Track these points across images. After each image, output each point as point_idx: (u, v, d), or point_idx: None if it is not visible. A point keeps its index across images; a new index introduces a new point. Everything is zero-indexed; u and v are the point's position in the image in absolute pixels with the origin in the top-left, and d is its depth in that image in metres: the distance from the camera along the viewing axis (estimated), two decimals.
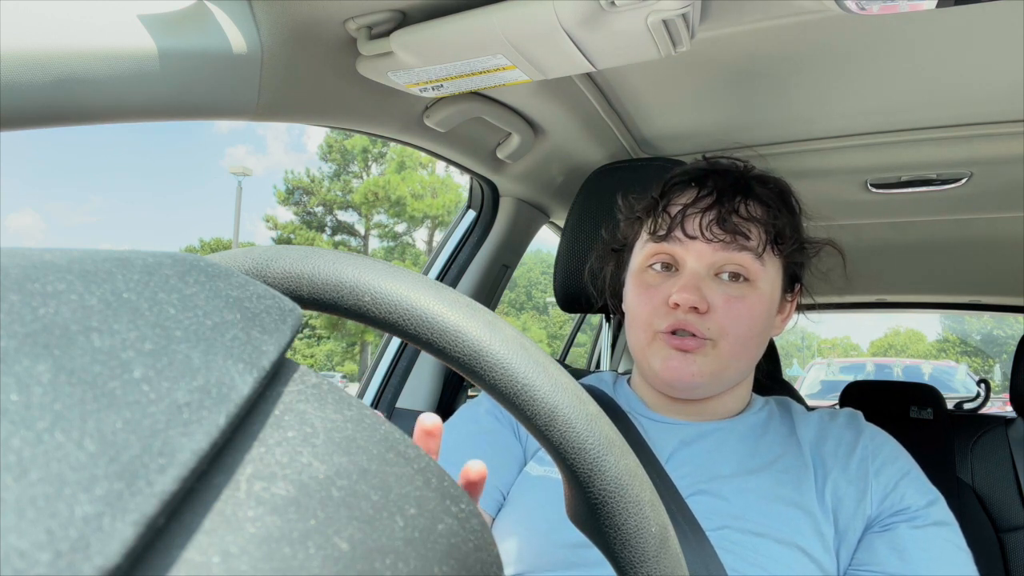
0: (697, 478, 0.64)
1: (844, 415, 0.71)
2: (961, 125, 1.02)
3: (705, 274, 0.66)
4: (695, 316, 0.64)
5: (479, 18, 0.64)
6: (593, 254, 0.89)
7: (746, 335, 0.66)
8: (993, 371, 19.70)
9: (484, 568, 0.19)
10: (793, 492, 0.62)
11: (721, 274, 0.67)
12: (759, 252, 0.67)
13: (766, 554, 0.58)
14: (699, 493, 0.63)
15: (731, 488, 0.63)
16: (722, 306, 0.65)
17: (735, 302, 0.65)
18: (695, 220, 0.67)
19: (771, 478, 0.63)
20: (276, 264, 0.24)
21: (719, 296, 0.65)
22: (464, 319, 0.23)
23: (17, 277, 0.14)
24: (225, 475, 0.15)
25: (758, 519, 0.60)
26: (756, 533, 0.59)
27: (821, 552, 0.59)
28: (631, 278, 0.73)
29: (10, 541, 0.11)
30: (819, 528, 0.60)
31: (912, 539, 0.59)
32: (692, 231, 0.67)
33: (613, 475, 0.23)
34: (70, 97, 0.53)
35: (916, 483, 0.63)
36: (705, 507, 0.61)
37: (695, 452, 0.67)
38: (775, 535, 0.59)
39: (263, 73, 0.67)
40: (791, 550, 0.58)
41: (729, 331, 0.65)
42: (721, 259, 0.66)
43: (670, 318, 0.65)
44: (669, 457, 0.67)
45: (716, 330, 0.65)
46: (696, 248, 0.67)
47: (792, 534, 0.59)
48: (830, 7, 0.61)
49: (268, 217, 21.24)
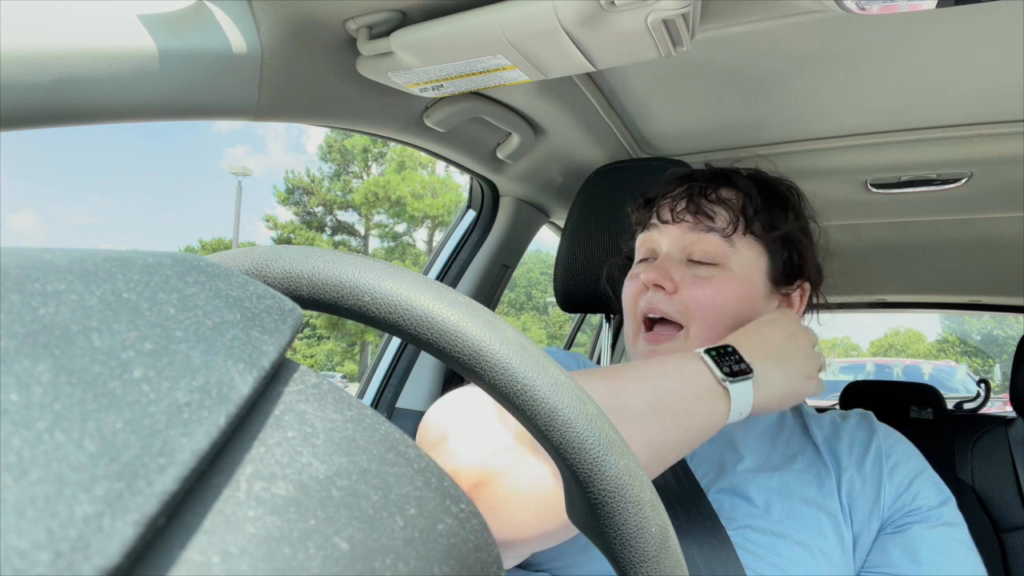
0: (719, 476, 0.64)
1: (855, 415, 0.71)
2: (961, 125, 1.02)
3: (678, 258, 0.69)
4: (662, 296, 0.67)
5: (479, 18, 0.64)
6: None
7: (716, 317, 0.66)
8: (993, 371, 19.71)
9: (484, 568, 0.19)
10: (816, 492, 0.62)
11: (692, 258, 0.69)
12: (727, 233, 0.68)
13: (786, 555, 0.57)
14: (721, 491, 0.63)
15: (754, 487, 0.62)
16: (688, 286, 0.66)
17: (701, 283, 0.67)
18: (668, 207, 0.72)
19: (793, 477, 0.63)
20: (276, 264, 0.24)
21: (687, 277, 0.67)
22: (464, 319, 0.23)
23: (17, 277, 0.14)
24: (225, 475, 0.15)
25: (780, 519, 0.60)
26: (777, 534, 0.59)
27: (840, 554, 0.59)
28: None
29: (10, 541, 0.11)
30: (839, 530, 0.60)
31: (924, 540, 0.58)
32: (665, 216, 0.71)
33: (613, 475, 0.23)
34: (70, 97, 0.53)
35: (929, 483, 0.63)
36: (727, 505, 0.61)
37: (713, 449, 0.67)
38: (796, 536, 0.59)
39: (263, 73, 0.67)
40: (812, 552, 0.58)
41: (695, 312, 0.66)
42: (689, 240, 0.69)
43: (643, 300, 0.68)
44: (691, 454, 0.66)
45: (684, 313, 0.66)
46: (669, 232, 0.71)
47: (813, 536, 0.59)
48: (830, 7, 0.61)
49: (268, 217, 21.27)
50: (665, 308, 0.66)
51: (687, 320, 0.66)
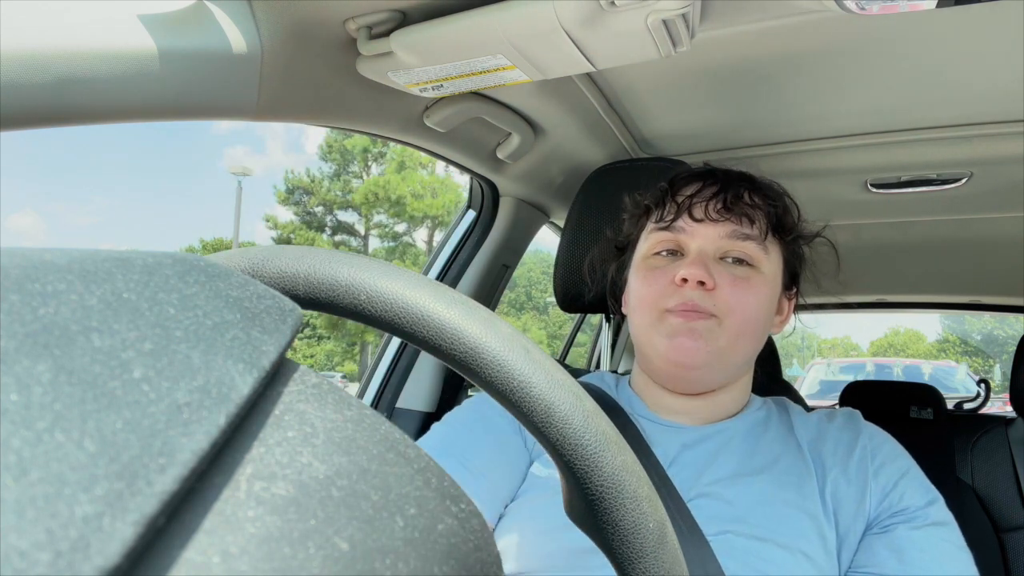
0: (699, 481, 0.64)
1: (842, 415, 0.71)
2: (961, 125, 1.02)
3: (711, 256, 0.68)
4: (702, 293, 0.65)
5: (479, 18, 0.64)
6: (595, 248, 0.90)
7: (751, 316, 0.66)
8: (993, 371, 19.71)
9: (484, 568, 0.19)
10: (795, 495, 0.62)
11: (726, 258, 0.68)
12: (762, 239, 0.68)
13: (768, 559, 0.57)
14: (701, 496, 0.62)
15: (733, 491, 0.62)
16: (728, 285, 0.66)
17: (740, 282, 0.66)
18: (701, 206, 0.70)
19: (773, 479, 0.63)
20: (272, 264, 0.24)
21: (725, 276, 0.66)
22: (461, 317, 0.23)
23: (17, 277, 0.14)
24: (225, 475, 0.15)
25: (761, 523, 0.60)
26: (758, 538, 0.59)
27: (823, 556, 0.59)
28: (636, 267, 0.74)
29: (10, 541, 0.11)
30: (822, 531, 0.60)
31: (911, 540, 0.58)
32: (699, 215, 0.69)
33: (610, 471, 0.23)
34: (70, 97, 0.53)
35: (915, 483, 0.63)
36: (707, 511, 0.61)
37: (697, 455, 0.67)
38: (778, 539, 0.58)
39: (263, 73, 0.67)
40: (793, 554, 0.58)
41: (735, 309, 0.65)
42: (727, 245, 0.68)
43: (677, 296, 0.66)
44: (672, 462, 0.66)
45: (723, 308, 0.65)
46: (702, 231, 0.69)
47: (795, 538, 0.59)
48: (830, 7, 0.61)
49: (268, 217, 21.26)
50: (704, 304, 0.65)
51: (723, 316, 0.65)
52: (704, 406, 0.71)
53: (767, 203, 0.70)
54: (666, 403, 0.72)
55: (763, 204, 0.70)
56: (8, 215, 48.53)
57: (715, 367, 0.66)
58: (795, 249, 0.74)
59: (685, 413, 0.71)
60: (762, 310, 0.68)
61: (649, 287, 0.69)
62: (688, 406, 0.71)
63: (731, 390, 0.72)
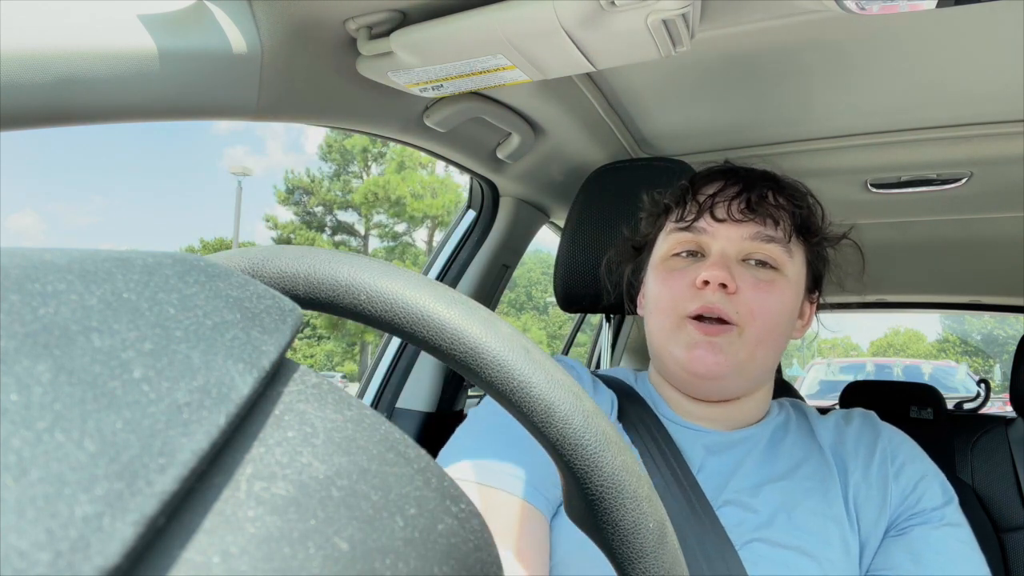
0: (725, 488, 0.63)
1: (858, 416, 0.70)
2: (961, 125, 1.02)
3: (733, 258, 0.66)
4: (723, 297, 0.63)
5: (479, 18, 0.64)
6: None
7: (773, 322, 0.64)
8: (993, 371, 19.71)
9: (484, 568, 0.19)
10: (820, 501, 0.61)
11: (748, 260, 0.66)
12: (787, 241, 0.66)
13: (794, 567, 0.57)
14: (727, 504, 0.61)
15: (759, 499, 0.61)
16: (750, 289, 0.63)
17: (764, 285, 0.64)
18: (724, 206, 0.67)
19: (797, 485, 0.62)
20: (272, 264, 0.24)
21: (747, 279, 0.64)
22: (461, 317, 0.23)
23: (17, 277, 0.14)
24: (225, 475, 0.15)
25: (787, 530, 0.59)
26: (784, 545, 0.58)
27: (846, 562, 0.58)
28: (654, 268, 0.71)
29: (10, 541, 0.11)
30: (845, 537, 0.60)
31: (926, 542, 0.58)
32: (721, 215, 0.67)
33: (610, 471, 0.23)
34: (70, 97, 0.53)
35: (934, 484, 0.62)
36: (734, 518, 0.60)
37: (723, 462, 0.65)
38: (803, 547, 0.58)
39: (263, 73, 0.67)
40: (818, 563, 0.57)
41: (757, 315, 0.63)
42: (749, 247, 0.66)
43: (697, 300, 0.63)
44: (699, 469, 0.64)
45: (744, 313, 0.63)
46: (724, 232, 0.66)
47: (820, 546, 0.58)
48: (830, 7, 0.61)
49: (268, 217, 21.26)
50: (725, 308, 0.63)
51: (744, 323, 0.63)
52: (726, 412, 0.69)
53: (792, 204, 0.68)
54: (686, 407, 0.70)
55: (788, 205, 0.68)
56: (8, 215, 48.56)
57: (734, 377, 0.65)
58: (819, 251, 0.72)
59: (708, 419, 0.69)
60: (784, 315, 0.66)
61: (668, 290, 0.67)
62: (711, 412, 0.69)
63: (754, 397, 0.70)
